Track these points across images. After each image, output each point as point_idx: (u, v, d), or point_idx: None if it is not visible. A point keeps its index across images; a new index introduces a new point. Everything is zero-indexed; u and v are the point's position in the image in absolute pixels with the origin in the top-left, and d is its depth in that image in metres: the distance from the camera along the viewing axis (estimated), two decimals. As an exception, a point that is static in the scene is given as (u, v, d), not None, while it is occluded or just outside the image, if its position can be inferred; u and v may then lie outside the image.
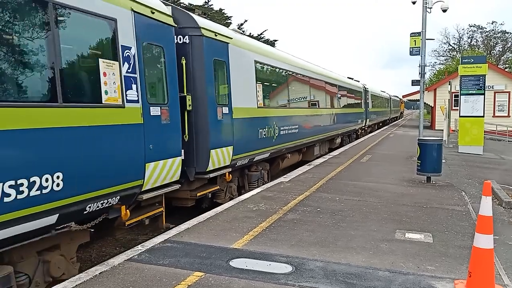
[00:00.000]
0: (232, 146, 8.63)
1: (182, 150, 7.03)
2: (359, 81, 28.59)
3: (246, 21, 42.07)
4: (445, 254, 5.28)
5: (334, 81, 19.13)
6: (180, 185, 7.12)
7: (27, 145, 4.18)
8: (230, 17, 35.71)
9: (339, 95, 20.12)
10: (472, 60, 19.11)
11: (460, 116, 19.04)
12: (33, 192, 4.22)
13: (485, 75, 18.69)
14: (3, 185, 3.92)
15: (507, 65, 53.05)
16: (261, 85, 10.42)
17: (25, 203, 4.14)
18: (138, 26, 5.96)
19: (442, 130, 23.69)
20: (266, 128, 10.54)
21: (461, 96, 18.85)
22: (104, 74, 5.27)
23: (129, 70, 5.75)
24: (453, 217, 7.13)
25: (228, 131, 8.55)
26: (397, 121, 57.50)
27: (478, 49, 60.12)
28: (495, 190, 9.55)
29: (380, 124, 40.08)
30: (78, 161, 4.78)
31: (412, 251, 5.36)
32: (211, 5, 34.13)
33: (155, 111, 6.27)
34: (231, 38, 9.00)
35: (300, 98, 14.14)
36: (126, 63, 5.69)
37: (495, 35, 62.59)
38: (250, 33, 36.47)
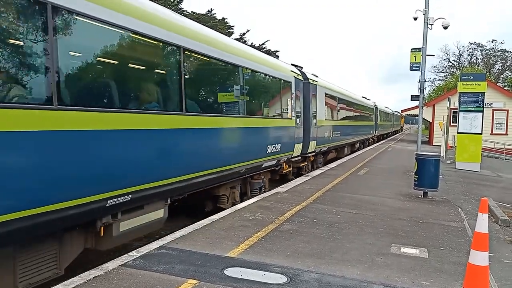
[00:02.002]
0: (316, 141, 15.18)
1: None
2: (370, 99, 34.80)
3: (248, 31, 42.37)
4: (440, 270, 5.27)
5: (358, 101, 26.86)
6: (300, 158, 13.89)
7: (273, 132, 10.78)
8: (233, 26, 35.95)
9: (360, 112, 27.36)
10: (472, 78, 19.23)
11: (458, 133, 19.11)
12: (273, 150, 10.59)
13: (484, 92, 18.81)
14: (270, 145, 10.40)
15: (506, 84, 53.37)
16: (326, 106, 17.33)
17: (271, 154, 10.54)
18: (295, 83, 12.84)
19: (440, 146, 23.76)
20: (328, 132, 17.17)
21: (460, 112, 18.94)
22: (288, 105, 12.14)
23: (292, 103, 12.54)
24: (449, 233, 7.13)
25: (315, 133, 15.06)
26: (396, 135, 57.91)
27: (478, 66, 60.56)
28: (492, 208, 9.57)
29: (385, 135, 46.88)
30: (282, 140, 11.40)
31: (407, 266, 5.36)
32: (214, 14, 34.36)
33: (297, 120, 12.99)
34: (317, 81, 15.90)
35: (342, 114, 21.01)
36: (292, 100, 12.53)
37: (495, 54, 63.09)
38: (252, 43, 36.66)
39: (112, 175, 5.19)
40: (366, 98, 32.69)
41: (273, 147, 10.70)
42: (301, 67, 15.27)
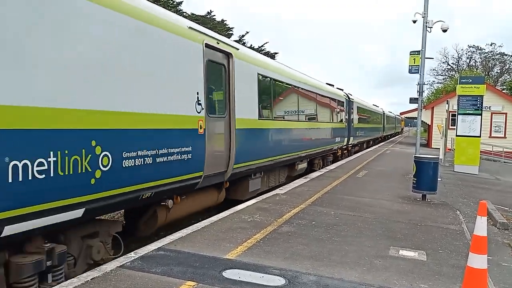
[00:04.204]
0: (353, 137, 23.42)
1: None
2: (378, 106, 42.89)
3: (247, 32, 42.16)
4: (438, 273, 5.27)
5: (374, 110, 35.84)
6: (345, 147, 22.43)
7: (338, 131, 19.95)
8: (232, 28, 35.94)
9: (374, 117, 35.57)
10: (470, 81, 19.28)
11: (456, 136, 19.14)
12: (337, 141, 19.59)
13: (482, 95, 18.84)
14: (337, 138, 19.51)
15: (504, 87, 53.47)
16: (358, 114, 25.83)
17: (336, 143, 19.60)
18: (345, 101, 21.73)
19: (439, 148, 23.79)
20: (358, 132, 25.71)
21: (459, 115, 18.97)
22: (343, 115, 21.31)
23: (344, 113, 21.58)
24: (447, 236, 7.13)
25: (352, 132, 23.05)
26: (395, 138, 58.24)
27: (477, 69, 60.65)
28: (490, 211, 9.58)
29: (388, 136, 54.46)
30: (340, 135, 20.26)
31: (405, 269, 5.36)
32: (213, 15, 34.37)
33: (346, 123, 21.66)
34: (354, 99, 24.32)
35: (364, 119, 29.29)
36: (344, 112, 21.48)
37: (493, 57, 63.21)
38: (251, 45, 36.68)
39: (301, 145, 13.31)
40: (376, 105, 41.20)
41: (337, 139, 19.05)
42: (342, 89, 22.69)
